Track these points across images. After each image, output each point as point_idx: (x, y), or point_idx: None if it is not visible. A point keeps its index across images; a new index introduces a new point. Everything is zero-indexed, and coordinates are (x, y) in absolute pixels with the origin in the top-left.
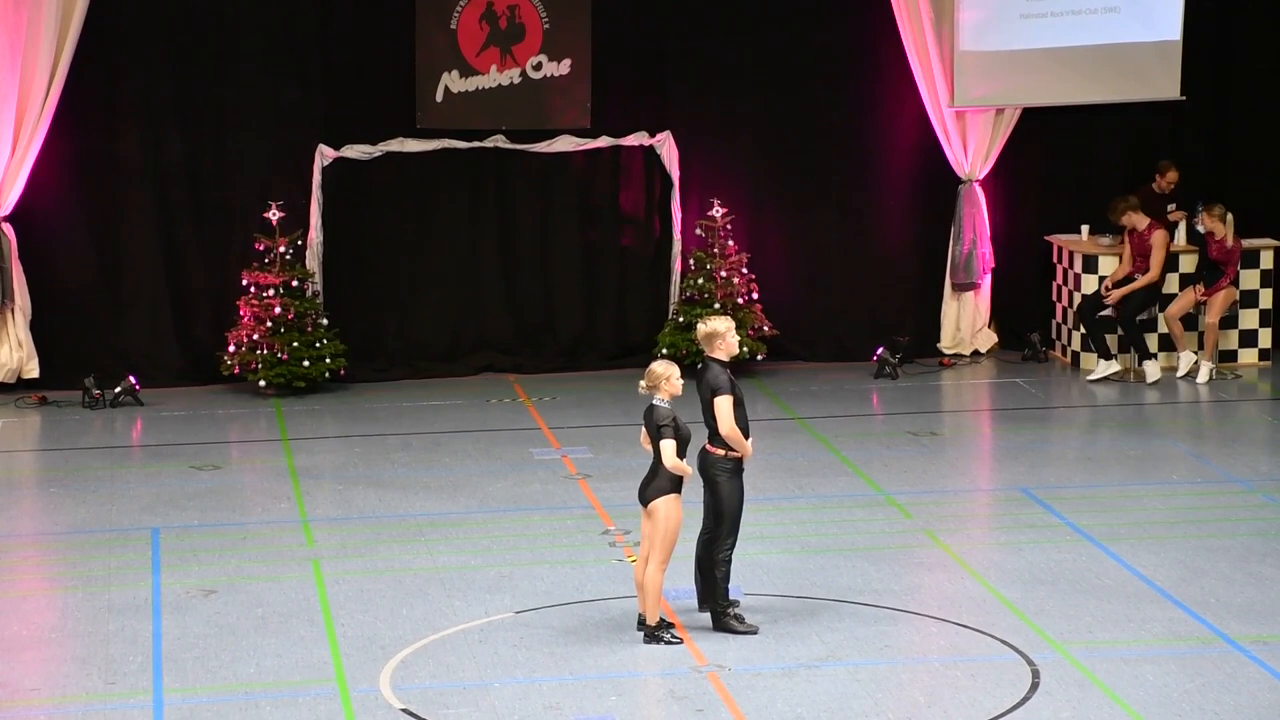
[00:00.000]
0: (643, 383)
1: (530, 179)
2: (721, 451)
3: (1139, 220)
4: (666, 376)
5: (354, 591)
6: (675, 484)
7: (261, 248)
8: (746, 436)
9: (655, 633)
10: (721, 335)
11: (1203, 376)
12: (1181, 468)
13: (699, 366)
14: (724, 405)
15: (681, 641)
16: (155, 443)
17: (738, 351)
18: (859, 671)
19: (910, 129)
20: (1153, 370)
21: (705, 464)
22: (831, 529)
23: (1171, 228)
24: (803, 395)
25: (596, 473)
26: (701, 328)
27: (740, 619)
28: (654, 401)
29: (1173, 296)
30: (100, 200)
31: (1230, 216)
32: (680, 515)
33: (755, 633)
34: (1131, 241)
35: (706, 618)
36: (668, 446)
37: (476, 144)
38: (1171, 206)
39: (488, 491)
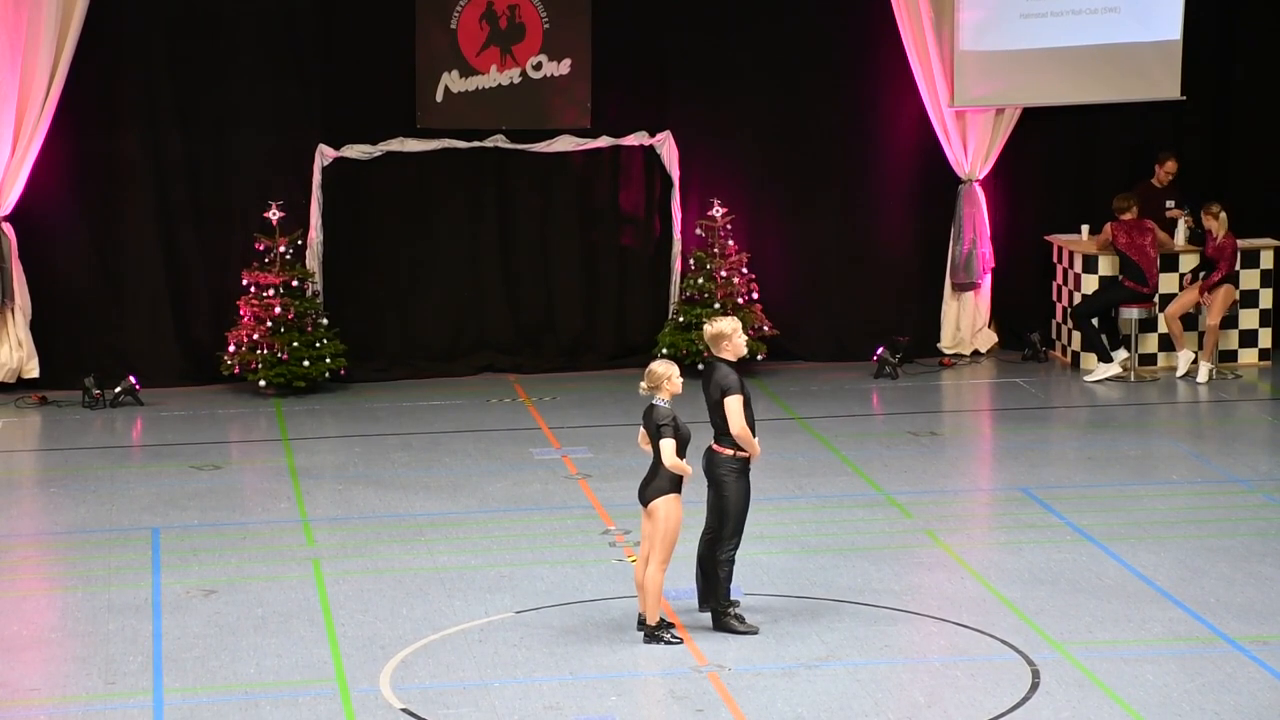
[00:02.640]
0: (643, 383)
1: (530, 179)
2: (729, 451)
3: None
4: (667, 376)
5: (354, 591)
6: (675, 484)
7: (261, 248)
8: (754, 436)
9: (655, 633)
10: (728, 336)
11: (1202, 376)
12: (1181, 468)
13: (701, 366)
14: (734, 405)
15: (681, 641)
16: (155, 443)
17: (745, 352)
18: (859, 671)
19: (910, 129)
20: (1108, 369)
21: (712, 463)
22: (831, 529)
23: (1171, 225)
24: (803, 395)
25: (596, 473)
26: (708, 328)
27: (741, 619)
28: (654, 401)
29: (1172, 296)
30: (100, 200)
31: (1224, 214)
32: (680, 515)
33: (756, 633)
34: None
35: (707, 618)
36: (667, 446)
37: (476, 144)
38: (1169, 204)
39: (488, 491)
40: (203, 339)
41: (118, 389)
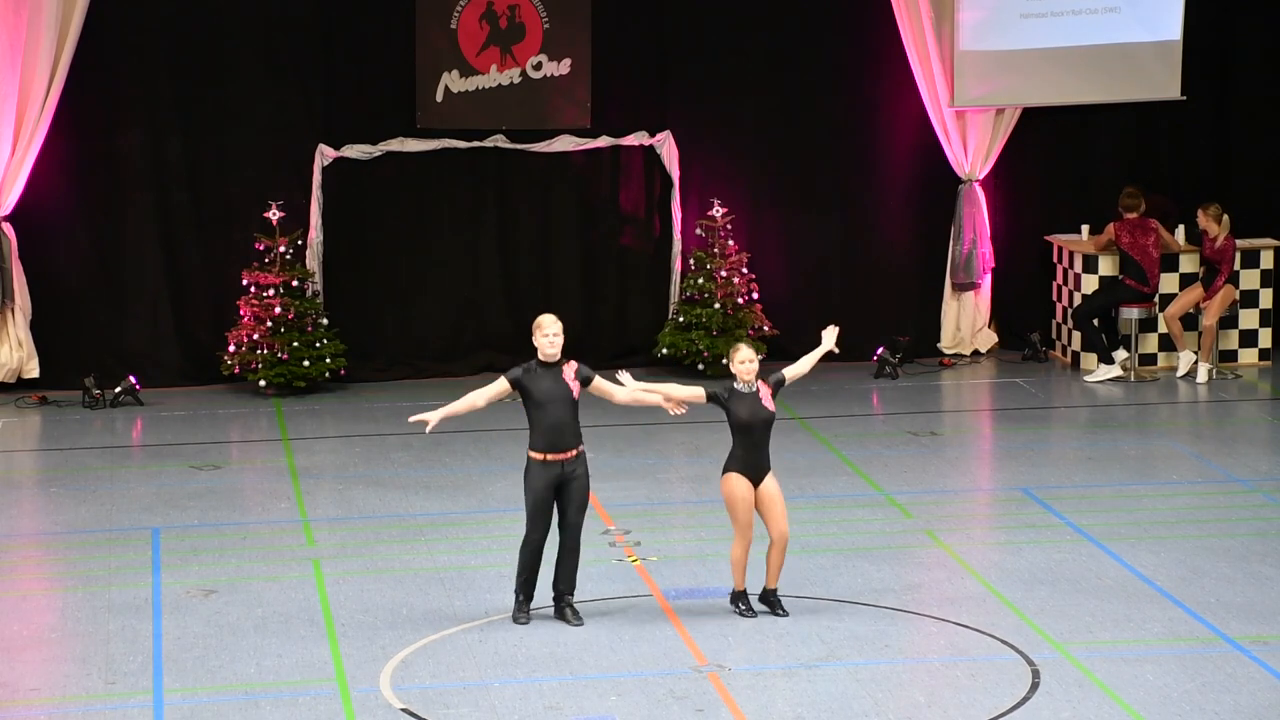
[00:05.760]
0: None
1: (530, 179)
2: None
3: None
4: (732, 353)
5: (354, 591)
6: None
7: (261, 248)
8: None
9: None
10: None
11: (1201, 376)
12: (1181, 468)
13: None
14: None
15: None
16: (155, 443)
17: (549, 353)
18: (859, 671)
19: (910, 129)
20: (1109, 370)
21: (580, 464)
22: (831, 529)
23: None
24: (803, 395)
25: (597, 473)
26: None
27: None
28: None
29: (1173, 296)
30: (100, 200)
31: (1226, 217)
32: (733, 490)
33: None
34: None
35: (706, 617)
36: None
37: (476, 144)
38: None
39: (488, 491)
40: (203, 339)
41: (118, 389)
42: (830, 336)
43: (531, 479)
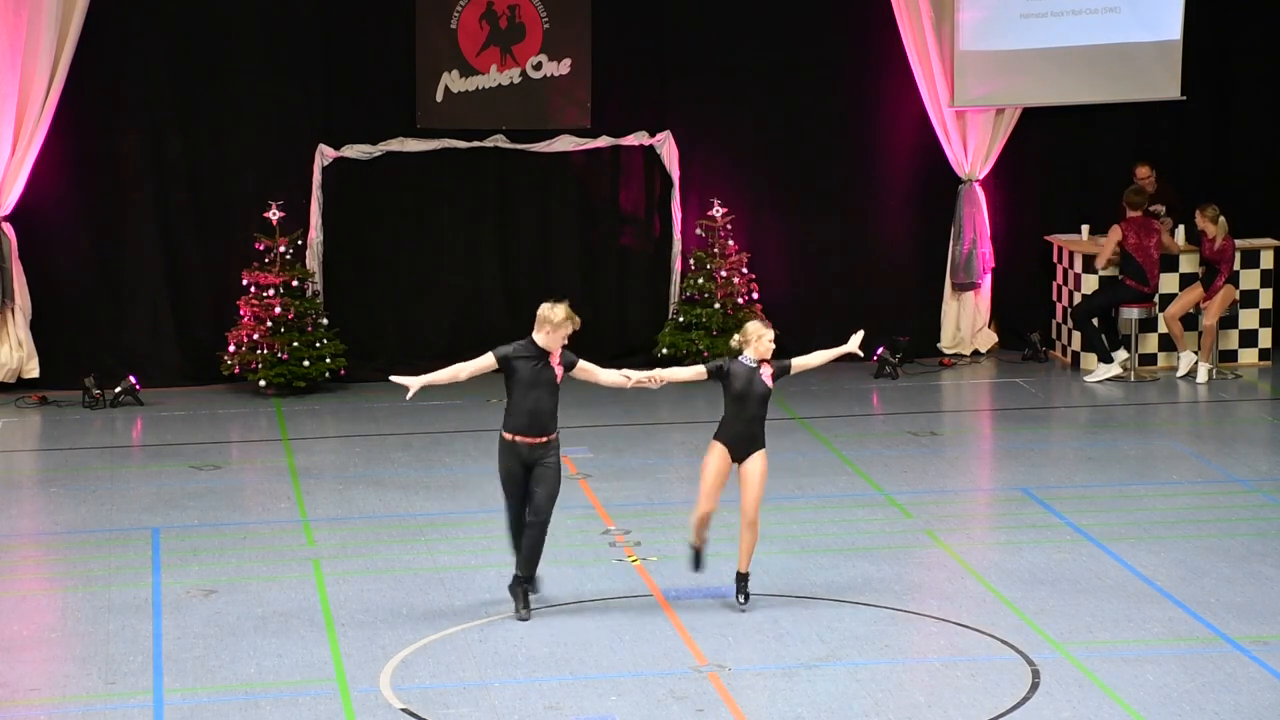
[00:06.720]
0: (736, 337)
1: (530, 179)
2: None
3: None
4: (758, 335)
5: (354, 591)
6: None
7: (261, 248)
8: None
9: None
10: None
11: (1201, 376)
12: (1181, 468)
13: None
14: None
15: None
16: (155, 443)
17: (551, 348)
18: (859, 671)
19: (910, 129)
20: (1109, 370)
21: (550, 452)
22: (831, 529)
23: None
24: (803, 395)
25: (596, 473)
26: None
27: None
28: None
29: (1172, 296)
30: (100, 200)
31: (1222, 218)
32: (706, 458)
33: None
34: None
35: (706, 617)
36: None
37: (476, 144)
38: (1160, 209)
39: (488, 491)
40: (203, 339)
41: (118, 389)
42: (855, 340)
43: (500, 459)
